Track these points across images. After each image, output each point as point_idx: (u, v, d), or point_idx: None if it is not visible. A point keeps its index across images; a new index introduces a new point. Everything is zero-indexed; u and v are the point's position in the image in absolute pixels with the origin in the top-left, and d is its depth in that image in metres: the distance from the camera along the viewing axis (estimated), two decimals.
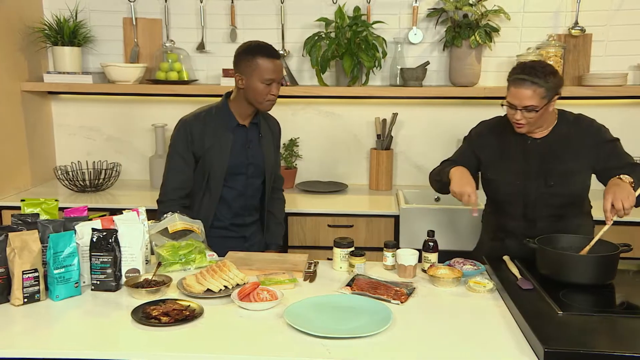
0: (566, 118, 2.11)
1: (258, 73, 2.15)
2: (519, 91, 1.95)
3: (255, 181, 2.35)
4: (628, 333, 1.48)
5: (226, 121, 2.27)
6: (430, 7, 3.18)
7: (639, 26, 3.09)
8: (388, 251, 2.03)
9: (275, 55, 2.19)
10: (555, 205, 2.05)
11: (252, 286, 1.72)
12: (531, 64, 1.99)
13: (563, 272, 1.76)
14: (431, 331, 1.55)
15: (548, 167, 2.05)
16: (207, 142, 2.24)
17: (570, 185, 2.05)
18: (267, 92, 2.18)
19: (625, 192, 1.80)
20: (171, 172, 2.27)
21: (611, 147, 2.05)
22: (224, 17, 3.29)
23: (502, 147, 2.15)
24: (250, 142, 2.31)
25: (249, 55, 2.17)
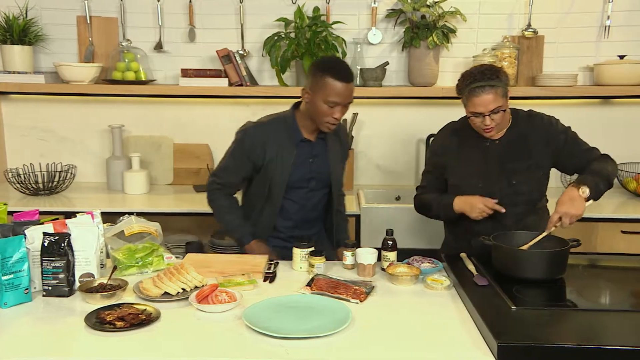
0: (519, 116, 2.16)
1: (323, 93, 2.03)
2: (482, 98, 1.97)
3: (316, 194, 2.27)
4: (577, 325, 1.53)
5: (291, 135, 2.17)
6: (389, 8, 3.21)
7: (588, 29, 3.20)
8: (347, 250, 2.04)
9: (347, 78, 2.03)
10: (520, 203, 2.10)
11: (211, 288, 1.70)
12: (478, 70, 2.02)
13: (516, 268, 1.81)
14: (389, 329, 1.57)
15: (509, 167, 2.09)
16: (268, 154, 2.15)
17: (533, 181, 2.10)
18: (329, 114, 2.05)
19: (576, 210, 1.87)
20: (225, 170, 2.26)
21: (565, 137, 2.11)
22: (182, 16, 3.25)
23: (461, 152, 2.18)
24: (316, 156, 2.21)
25: (319, 72, 2.05)
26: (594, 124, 3.24)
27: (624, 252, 2.79)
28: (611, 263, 2.16)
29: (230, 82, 3.14)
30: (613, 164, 2.08)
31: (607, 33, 3.16)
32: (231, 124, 3.34)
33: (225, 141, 3.36)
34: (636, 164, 3.20)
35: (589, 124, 3.23)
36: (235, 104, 3.35)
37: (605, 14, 3.15)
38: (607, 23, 3.15)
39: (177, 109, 3.36)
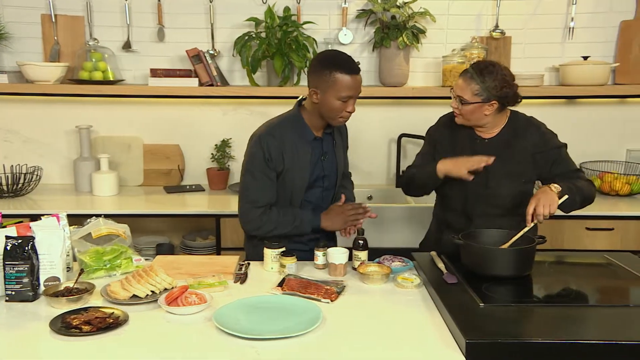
0: (517, 120, 2.17)
1: (335, 90, 1.97)
2: (460, 80, 2.06)
3: (330, 193, 2.23)
4: (544, 321, 1.56)
5: (303, 134, 2.11)
6: (359, 9, 3.22)
7: (553, 30, 3.27)
8: (319, 250, 2.04)
9: (355, 70, 2.00)
10: (492, 205, 2.12)
11: (180, 290, 1.68)
12: (486, 63, 2.08)
13: (485, 266, 1.83)
14: (359, 328, 1.58)
15: (490, 169, 2.09)
16: (286, 160, 2.07)
17: (508, 187, 2.10)
18: (342, 109, 2.01)
19: (549, 199, 1.90)
20: (258, 190, 2.08)
21: (556, 154, 2.12)
22: (151, 15, 3.21)
23: (453, 143, 2.20)
24: (326, 153, 2.17)
25: (326, 69, 1.98)
26: (560, 124, 3.26)
27: (588, 249, 2.86)
28: (577, 259, 2.22)
29: (200, 82, 3.11)
30: (593, 189, 2.09)
31: (572, 34, 3.23)
32: (202, 124, 3.35)
33: (196, 141, 3.38)
34: (600, 163, 3.28)
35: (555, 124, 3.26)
36: (206, 104, 3.32)
37: (569, 16, 3.22)
38: (571, 25, 3.22)
39: (146, 109, 3.32)
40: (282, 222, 2.11)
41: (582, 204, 2.05)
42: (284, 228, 2.11)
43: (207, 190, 3.27)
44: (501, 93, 2.02)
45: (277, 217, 2.11)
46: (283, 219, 2.11)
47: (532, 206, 1.90)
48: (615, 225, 2.85)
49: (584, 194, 2.03)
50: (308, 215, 2.14)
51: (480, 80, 2.00)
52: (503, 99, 2.04)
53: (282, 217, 2.12)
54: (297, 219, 2.13)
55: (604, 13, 3.24)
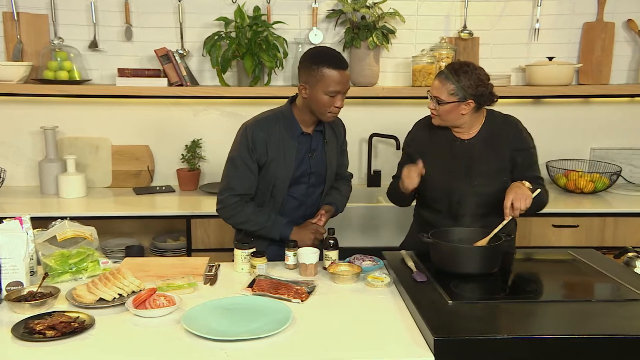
0: (493, 118, 2.20)
1: (323, 84, 2.01)
2: (435, 81, 2.09)
3: (316, 190, 2.24)
4: (511, 317, 1.58)
5: (291, 129, 2.14)
6: (330, 9, 3.23)
7: (519, 31, 3.33)
8: (289, 250, 2.04)
9: (343, 65, 2.03)
10: (478, 204, 2.13)
11: (148, 292, 1.66)
12: (461, 63, 2.09)
13: (453, 264, 1.85)
14: (330, 328, 1.58)
15: (473, 168, 2.13)
16: (270, 152, 2.11)
17: (493, 185, 2.12)
18: (331, 104, 2.04)
19: (524, 194, 1.94)
20: (237, 178, 2.13)
21: (528, 156, 2.16)
22: (118, 14, 3.16)
23: (431, 145, 2.22)
24: (314, 150, 2.19)
25: (314, 65, 2.02)
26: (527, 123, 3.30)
27: (555, 245, 2.92)
28: (543, 256, 2.26)
29: (169, 82, 3.07)
30: (547, 198, 2.15)
31: (537, 35, 3.30)
32: (172, 125, 3.31)
33: (165, 142, 3.34)
34: (565, 161, 3.35)
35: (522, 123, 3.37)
36: (176, 104, 3.28)
37: (535, 18, 3.29)
38: (537, 26, 3.29)
39: (114, 109, 3.26)
40: (254, 219, 2.14)
41: (538, 207, 2.10)
42: (254, 225, 2.14)
43: (177, 191, 3.24)
44: (477, 92, 2.05)
45: (251, 213, 2.14)
46: (256, 216, 2.14)
47: (510, 200, 1.93)
48: (580, 222, 2.92)
49: (540, 200, 2.08)
50: (282, 222, 2.15)
51: (455, 79, 2.03)
52: (479, 98, 2.07)
53: (256, 214, 2.14)
54: (269, 220, 2.14)
55: (567, 15, 3.31)
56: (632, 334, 1.45)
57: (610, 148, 3.44)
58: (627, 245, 2.60)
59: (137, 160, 3.29)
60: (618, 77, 3.36)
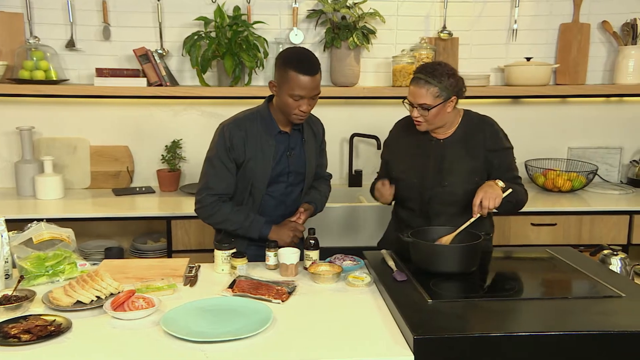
0: (470, 119, 2.21)
1: (288, 87, 2.01)
2: (414, 89, 2.05)
3: (295, 189, 2.23)
4: (490, 315, 1.59)
5: (268, 128, 2.13)
6: (310, 9, 3.23)
7: (498, 32, 3.36)
8: (270, 251, 2.03)
9: (309, 71, 2.00)
10: (449, 203, 2.15)
11: (127, 294, 1.64)
12: (431, 64, 2.09)
13: (432, 263, 1.87)
14: (310, 328, 1.58)
15: (445, 168, 2.14)
16: (248, 151, 2.11)
17: (464, 185, 2.13)
18: (295, 106, 2.03)
19: (494, 193, 1.96)
20: (215, 178, 2.13)
21: (504, 156, 2.18)
22: (96, 13, 3.12)
23: (407, 146, 2.23)
24: (292, 149, 2.18)
25: (283, 65, 2.02)
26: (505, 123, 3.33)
27: (533, 244, 2.96)
28: (521, 254, 2.28)
29: (149, 82, 3.05)
30: (526, 197, 2.17)
31: (515, 36, 3.34)
32: (152, 125, 3.28)
33: (145, 143, 3.31)
34: (544, 160, 3.40)
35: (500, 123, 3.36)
36: (156, 105, 3.25)
37: (513, 18, 3.33)
38: (515, 27, 3.33)
39: (93, 109, 3.23)
40: (232, 219, 2.13)
41: (516, 206, 2.13)
42: (232, 224, 2.14)
43: (157, 192, 3.21)
44: (457, 87, 2.07)
45: (229, 212, 2.14)
46: (234, 215, 2.13)
47: (479, 198, 1.95)
48: (557, 220, 2.96)
49: (518, 198, 2.10)
50: (260, 221, 2.15)
51: (437, 81, 2.02)
52: (459, 92, 2.09)
53: (234, 213, 2.14)
54: (247, 219, 2.13)
55: (544, 16, 3.35)
56: (607, 329, 1.47)
57: (587, 147, 3.49)
58: (603, 242, 2.65)
59: (116, 161, 3.26)
60: (594, 78, 3.41)
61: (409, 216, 2.24)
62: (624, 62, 3.26)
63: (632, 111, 3.49)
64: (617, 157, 3.50)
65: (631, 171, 3.44)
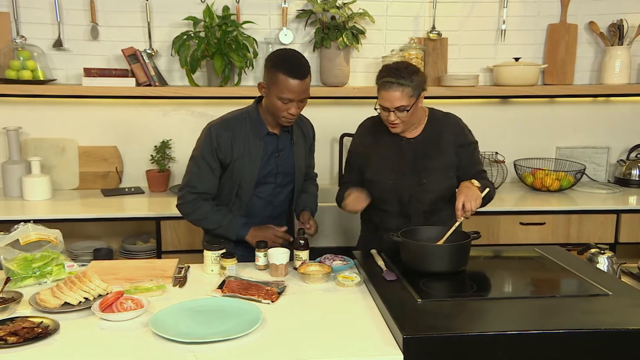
0: (436, 116, 2.23)
1: (276, 89, 2.00)
2: (389, 94, 2.03)
3: (283, 190, 2.22)
4: (479, 314, 1.61)
5: (257, 129, 2.13)
6: (299, 9, 3.23)
7: (487, 32, 3.38)
8: (260, 251, 2.03)
9: (299, 75, 1.99)
10: (427, 201, 2.16)
11: (115, 296, 1.63)
12: (395, 66, 2.07)
13: (422, 262, 1.87)
14: (300, 328, 1.58)
15: (420, 166, 2.15)
16: (235, 151, 2.10)
17: (441, 181, 2.16)
18: (284, 109, 2.03)
19: (475, 194, 1.97)
20: (198, 177, 2.13)
21: (470, 151, 2.20)
22: (83, 12, 3.10)
23: (377, 147, 2.23)
24: (281, 150, 2.17)
25: (272, 67, 2.02)
26: (494, 123, 3.43)
27: (522, 243, 2.98)
28: (510, 254, 2.29)
29: (138, 82, 3.03)
30: (494, 191, 2.17)
31: (504, 36, 3.36)
32: (141, 125, 3.27)
33: (134, 143, 3.29)
34: (532, 160, 3.42)
35: (489, 123, 3.43)
36: (145, 105, 3.24)
37: (501, 19, 3.34)
38: (503, 27, 3.35)
39: (81, 109, 3.20)
40: (211, 217, 2.15)
41: (486, 202, 2.10)
42: (211, 223, 2.16)
43: (147, 192, 3.20)
44: (424, 82, 2.09)
45: (208, 211, 2.15)
46: (213, 215, 2.15)
47: (461, 201, 1.96)
48: (546, 219, 2.98)
49: (490, 195, 2.10)
50: (238, 222, 2.15)
51: (408, 81, 2.02)
52: (425, 86, 2.10)
53: (213, 212, 2.15)
54: (225, 219, 2.14)
55: (532, 17, 3.38)
56: (595, 328, 1.49)
57: (575, 147, 3.52)
58: (591, 241, 2.67)
59: (105, 161, 3.24)
60: (581, 78, 3.44)
61: (385, 218, 2.22)
62: (611, 63, 3.29)
63: (619, 111, 3.52)
64: (605, 157, 3.53)
65: (618, 170, 3.47)
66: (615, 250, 3.00)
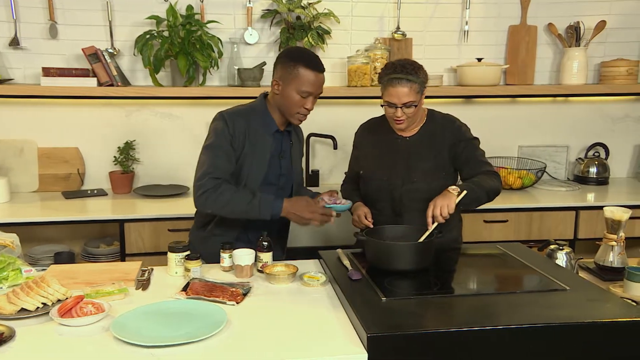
0: (434, 117, 2.26)
1: (297, 82, 2.01)
2: (397, 90, 2.05)
3: (283, 193, 2.16)
4: (441, 311, 1.63)
5: (267, 125, 2.11)
6: (265, 9, 3.21)
7: (450, 33, 3.43)
8: (225, 252, 2.01)
9: (320, 68, 2.04)
10: (419, 200, 2.16)
11: (75, 300, 1.60)
12: (400, 63, 2.10)
13: (386, 261, 1.89)
14: (264, 328, 1.57)
15: (412, 165, 2.18)
16: (248, 144, 2.06)
17: (432, 181, 2.17)
18: (301, 104, 2.03)
19: (446, 201, 1.98)
20: (217, 161, 2.01)
21: (466, 145, 2.21)
22: (41, 10, 3.02)
23: (374, 145, 2.27)
24: (284, 151, 2.16)
25: (291, 62, 2.02)
26: None
27: (486, 240, 3.03)
28: (473, 251, 2.33)
29: (99, 82, 2.97)
30: (497, 181, 2.17)
31: (466, 37, 3.41)
32: (103, 126, 3.20)
33: (97, 144, 3.22)
34: (495, 158, 3.48)
35: None
36: (107, 105, 3.18)
37: (464, 20, 3.40)
38: (466, 28, 3.40)
39: (40, 110, 3.12)
40: (237, 199, 1.99)
41: (489, 195, 2.12)
42: (238, 205, 1.99)
43: (110, 194, 3.14)
44: (427, 79, 2.14)
45: (233, 192, 2.00)
46: (239, 195, 2.00)
47: (430, 210, 1.98)
48: (509, 217, 3.04)
49: (487, 188, 2.10)
50: (269, 196, 2.02)
51: (415, 77, 2.06)
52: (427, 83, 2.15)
53: (239, 192, 2.01)
54: (255, 198, 1.99)
55: (494, 18, 3.44)
56: (554, 322, 1.52)
57: (536, 146, 3.60)
58: (551, 237, 2.75)
59: (66, 163, 3.17)
60: (541, 78, 3.53)
61: (378, 215, 2.22)
62: (569, 64, 3.38)
63: (577, 111, 3.62)
64: (564, 155, 3.62)
65: (577, 168, 3.57)
66: (574, 246, 3.08)
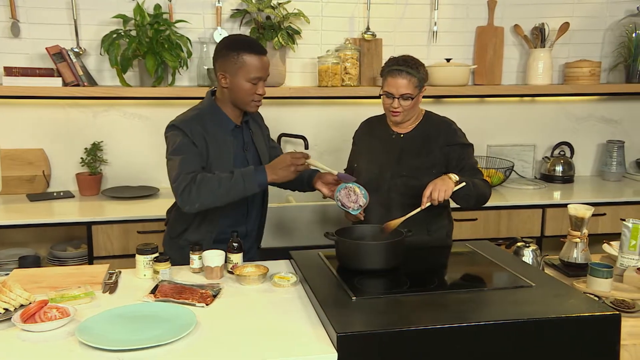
0: (431, 119, 2.31)
1: (244, 71, 1.98)
2: (396, 80, 2.12)
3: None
4: (411, 309, 1.63)
5: (223, 124, 2.06)
6: (234, 8, 3.19)
7: (419, 33, 3.46)
8: (194, 254, 1.99)
9: (262, 51, 2.02)
10: (407, 195, 2.19)
11: (39, 305, 1.56)
12: (403, 58, 2.17)
13: (356, 260, 1.89)
14: (234, 330, 1.56)
15: (403, 161, 2.23)
16: (211, 151, 2.01)
17: (421, 178, 2.18)
18: (253, 91, 2.01)
19: (445, 186, 2.02)
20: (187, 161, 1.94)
21: (461, 152, 2.24)
22: (2, 8, 2.94)
23: (370, 139, 2.34)
24: (247, 143, 2.14)
25: (233, 52, 1.98)
26: None
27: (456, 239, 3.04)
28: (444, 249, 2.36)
29: (64, 82, 2.91)
30: (488, 191, 2.21)
31: (435, 38, 3.45)
32: (69, 127, 3.14)
33: (63, 145, 3.16)
34: None
35: None
36: (74, 106, 3.12)
37: (433, 21, 3.44)
38: (435, 29, 3.44)
39: (2, 110, 3.05)
40: (219, 183, 1.92)
41: (478, 199, 2.17)
42: (223, 188, 1.92)
43: (77, 196, 3.08)
44: (427, 78, 2.20)
45: (212, 176, 1.94)
46: (219, 179, 1.93)
47: (429, 190, 2.02)
48: (478, 215, 3.09)
49: (479, 191, 2.15)
50: (251, 170, 1.96)
51: (416, 72, 2.13)
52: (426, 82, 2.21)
53: (219, 177, 1.94)
54: (237, 173, 1.94)
55: (461, 19, 3.49)
56: (520, 318, 1.54)
57: (504, 145, 3.67)
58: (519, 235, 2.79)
59: (30, 164, 3.09)
60: (508, 79, 3.59)
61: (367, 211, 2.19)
62: (534, 64, 3.45)
63: (543, 110, 3.69)
64: (531, 154, 3.69)
65: (543, 167, 3.64)
66: (541, 243, 3.15)
